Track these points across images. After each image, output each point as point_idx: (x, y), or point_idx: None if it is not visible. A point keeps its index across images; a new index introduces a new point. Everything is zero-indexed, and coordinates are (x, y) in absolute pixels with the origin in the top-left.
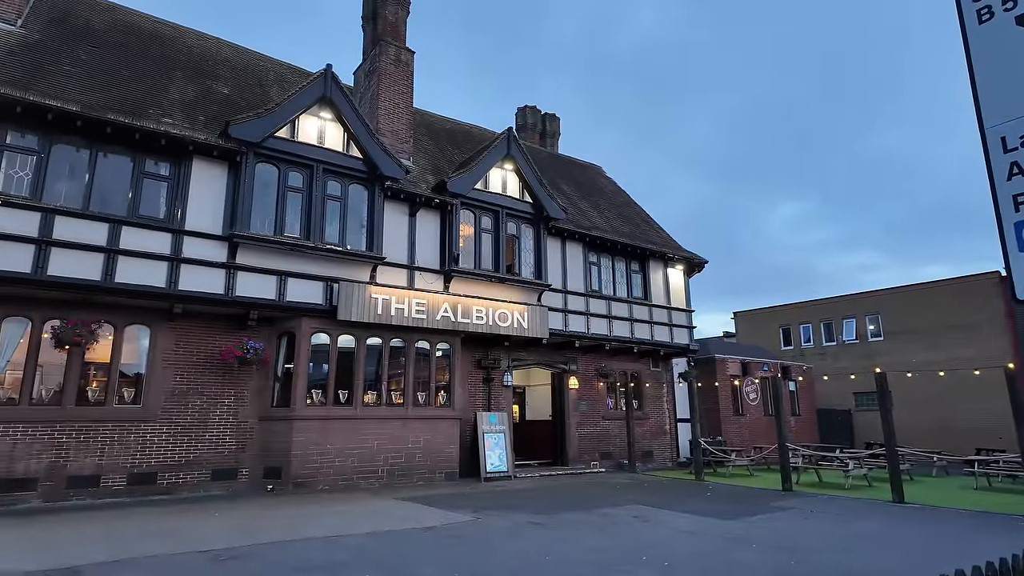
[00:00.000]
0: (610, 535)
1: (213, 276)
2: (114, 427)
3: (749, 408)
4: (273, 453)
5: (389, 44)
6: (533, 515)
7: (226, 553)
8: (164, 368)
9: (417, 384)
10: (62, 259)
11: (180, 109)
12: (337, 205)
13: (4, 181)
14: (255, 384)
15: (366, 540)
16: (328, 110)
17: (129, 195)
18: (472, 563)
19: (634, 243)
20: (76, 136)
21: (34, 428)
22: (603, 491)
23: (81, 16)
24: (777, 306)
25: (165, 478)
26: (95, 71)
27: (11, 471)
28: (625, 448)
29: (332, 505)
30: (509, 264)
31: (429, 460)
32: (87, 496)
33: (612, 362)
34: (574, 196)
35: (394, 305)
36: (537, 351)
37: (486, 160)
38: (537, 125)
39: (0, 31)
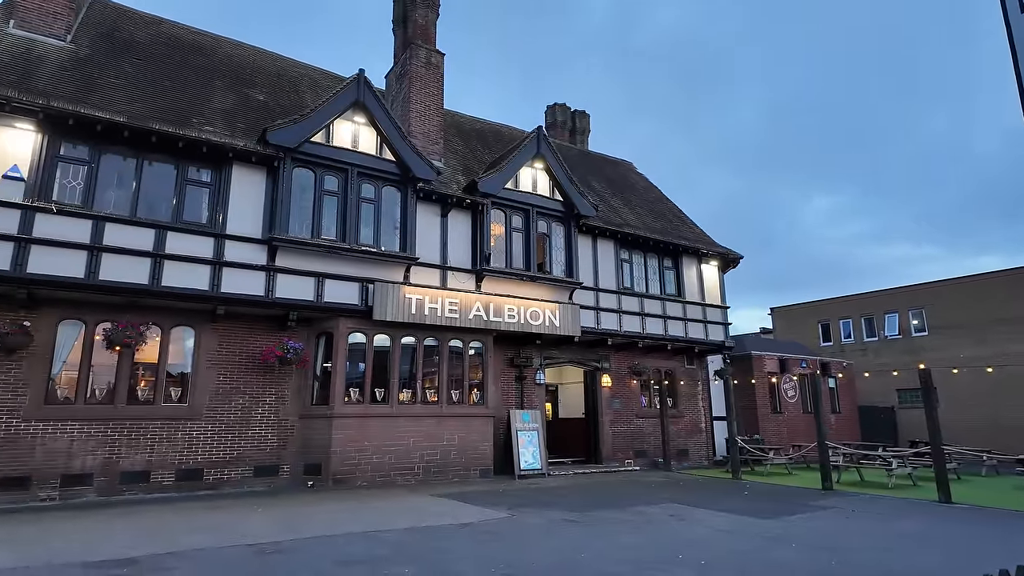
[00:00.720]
0: (645, 533)
1: (254, 278)
2: (162, 425)
3: (787, 406)
4: (313, 450)
5: (420, 47)
6: (568, 512)
7: (271, 547)
8: (208, 368)
9: (451, 382)
10: (112, 264)
11: (220, 117)
12: (371, 207)
13: (58, 191)
14: (295, 383)
15: (405, 535)
16: (361, 114)
17: (173, 201)
18: (509, 559)
19: (666, 239)
20: (123, 146)
21: (89, 426)
22: (638, 489)
23: (126, 30)
24: (815, 301)
25: (211, 474)
26: (140, 82)
27: (69, 467)
28: (660, 446)
29: (370, 501)
30: (540, 262)
31: (464, 457)
32: (138, 491)
33: (645, 360)
34: (605, 193)
35: (427, 304)
36: (569, 349)
37: (516, 159)
38: (567, 122)
39: (52, 47)
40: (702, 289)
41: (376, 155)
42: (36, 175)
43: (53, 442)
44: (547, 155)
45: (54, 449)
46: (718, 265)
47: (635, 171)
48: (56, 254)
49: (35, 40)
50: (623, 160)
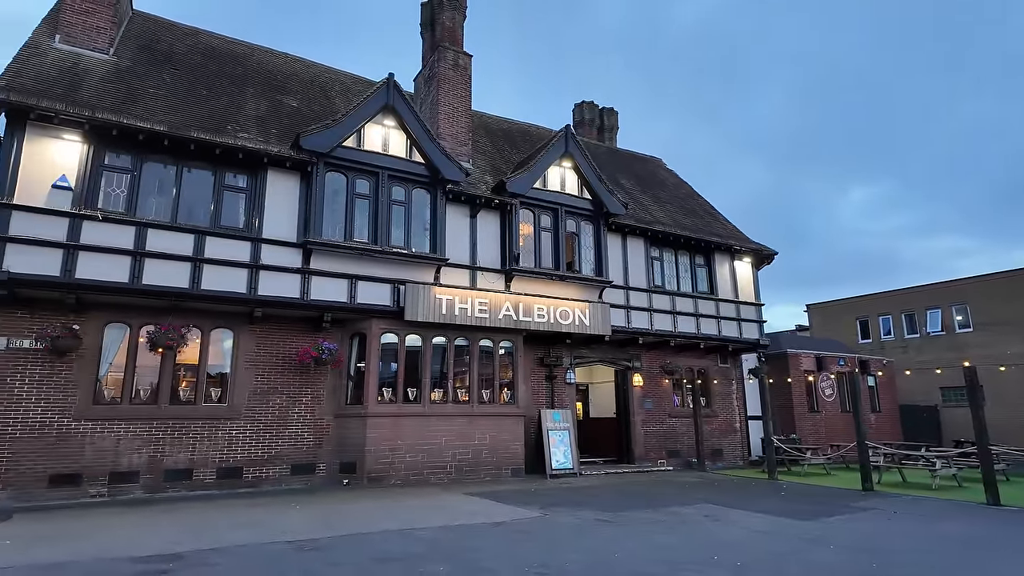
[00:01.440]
0: (680, 534)
1: (289, 281)
2: (204, 424)
3: (825, 404)
4: (348, 449)
5: (447, 49)
6: (600, 512)
7: (309, 544)
8: (246, 369)
9: (481, 382)
10: (155, 269)
11: (255, 124)
12: (402, 209)
13: (104, 199)
14: (330, 383)
15: (439, 533)
16: (391, 118)
17: (211, 207)
18: (542, 558)
19: (698, 236)
20: (164, 154)
21: (134, 425)
22: (671, 489)
23: (165, 41)
24: (854, 297)
25: (250, 472)
26: (178, 92)
27: (117, 464)
28: (693, 446)
29: (404, 499)
30: (569, 262)
31: (495, 456)
32: (181, 488)
33: (678, 358)
34: (634, 190)
35: (457, 305)
36: (599, 348)
37: (544, 159)
38: (595, 120)
39: (96, 60)
40: (735, 286)
41: (406, 158)
42: (83, 184)
43: (101, 441)
44: (575, 153)
45: (102, 447)
46: (751, 262)
47: (664, 167)
48: (102, 260)
49: (80, 54)
50: (652, 156)
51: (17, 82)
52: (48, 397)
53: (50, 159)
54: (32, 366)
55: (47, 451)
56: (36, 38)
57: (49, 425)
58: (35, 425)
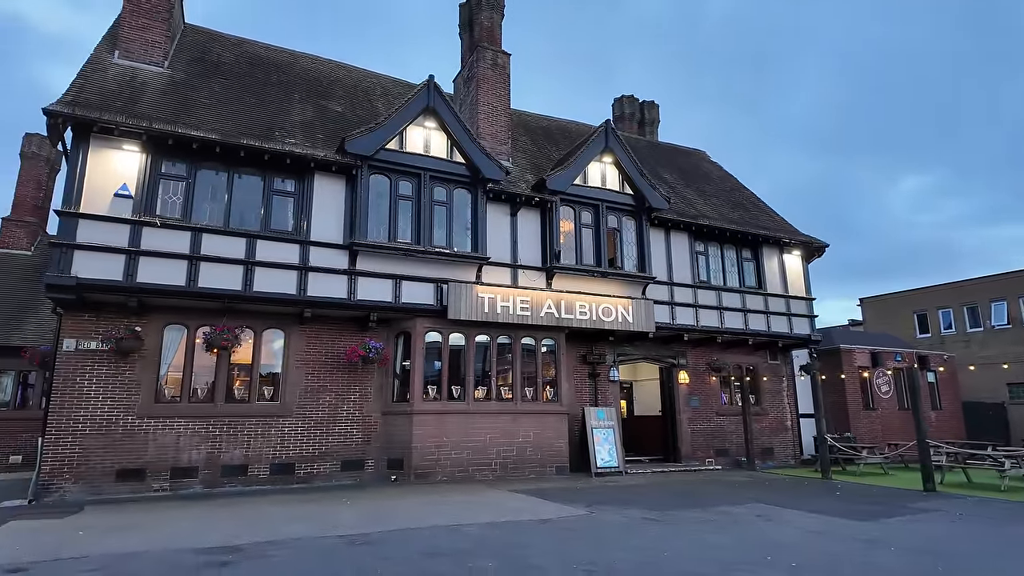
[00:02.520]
0: (730, 533)
1: (337, 282)
2: (257, 422)
3: (881, 402)
4: (395, 445)
5: (486, 49)
6: (648, 511)
7: (361, 538)
8: (297, 368)
9: (524, 380)
10: (209, 272)
11: (301, 129)
12: (443, 210)
13: (161, 206)
14: (377, 381)
15: (486, 530)
16: (432, 119)
17: (261, 211)
18: (590, 556)
19: (744, 229)
20: (216, 161)
21: (193, 423)
22: (720, 489)
23: (215, 52)
24: (911, 290)
25: (302, 468)
26: (227, 100)
27: (178, 460)
28: (742, 445)
29: (451, 495)
30: (611, 258)
31: (539, 454)
32: (237, 484)
33: (725, 355)
34: (677, 184)
35: (499, 303)
36: (644, 345)
37: (584, 155)
38: (635, 114)
39: (152, 73)
40: (785, 280)
41: (447, 158)
42: (142, 192)
43: (163, 437)
44: (616, 149)
45: (164, 444)
46: (801, 255)
47: (709, 160)
48: (161, 264)
49: (137, 68)
50: (696, 149)
51: (81, 97)
52: (113, 396)
53: (112, 169)
54: (98, 366)
55: (114, 447)
56: (97, 55)
57: (115, 423)
58: (102, 423)
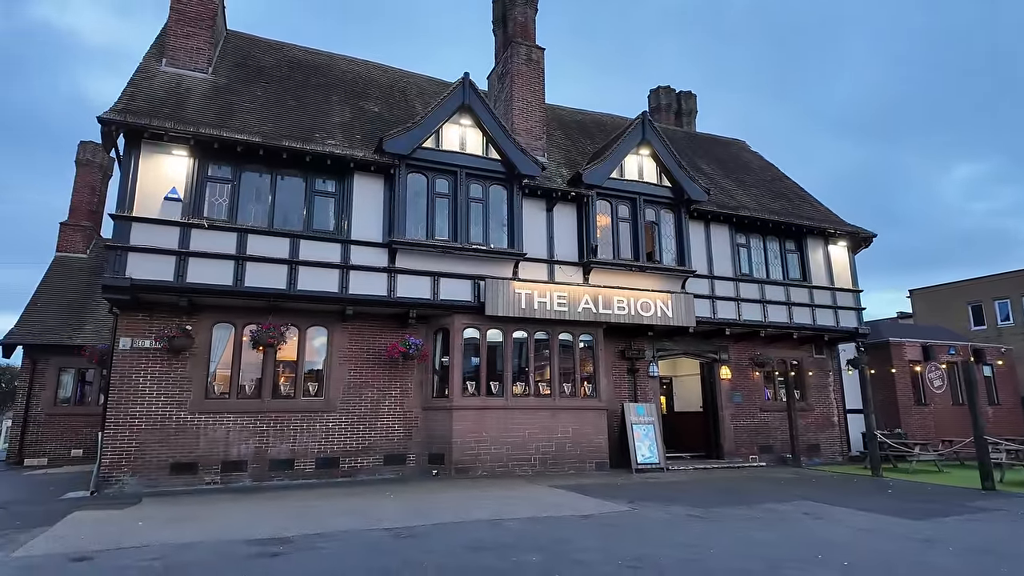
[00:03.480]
0: (778, 531)
1: (377, 280)
2: (303, 417)
3: (933, 397)
4: (436, 440)
5: (520, 44)
6: (691, 508)
7: (406, 531)
8: (340, 364)
9: (562, 375)
10: (255, 272)
11: (340, 130)
12: (480, 206)
13: (208, 208)
14: (417, 377)
15: (528, 524)
16: (467, 116)
17: (304, 212)
18: (634, 552)
19: (787, 220)
20: (259, 163)
21: (242, 418)
22: (765, 486)
23: (256, 57)
24: (964, 280)
25: (345, 462)
26: (269, 104)
27: (228, 454)
28: (787, 441)
29: (491, 490)
30: (649, 252)
31: (579, 450)
32: (284, 477)
33: (768, 350)
34: (716, 175)
35: (536, 299)
36: (683, 340)
37: (620, 148)
38: (672, 105)
39: (197, 79)
40: (830, 272)
41: (483, 155)
42: (190, 195)
43: (213, 432)
44: (653, 140)
45: (214, 438)
46: (847, 246)
47: (748, 150)
48: (209, 265)
49: (183, 75)
50: (734, 139)
51: (132, 105)
52: (167, 392)
53: (162, 173)
54: (152, 364)
55: (167, 441)
56: (146, 63)
57: (168, 418)
58: (157, 418)
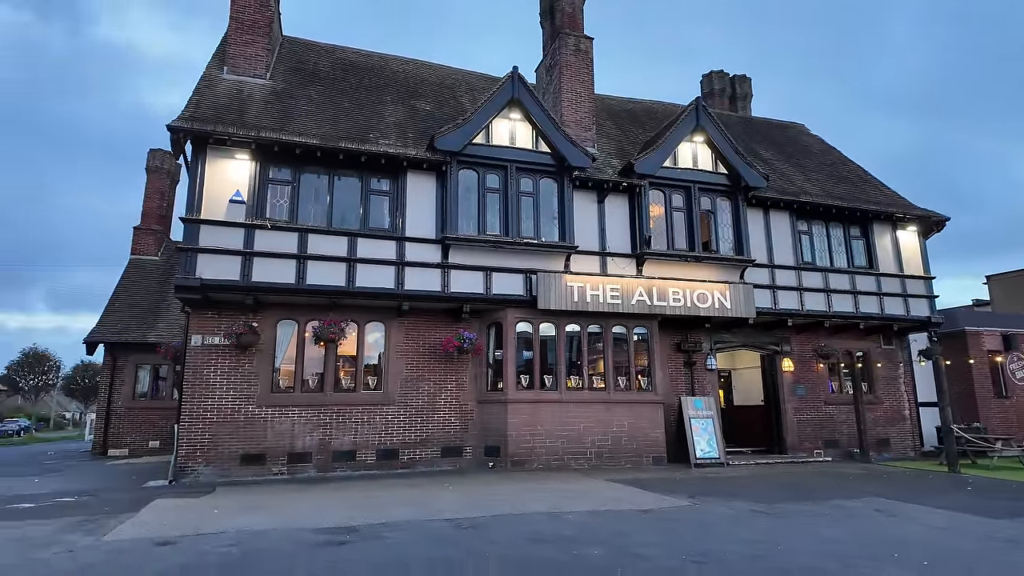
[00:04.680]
0: (848, 528)
1: (431, 276)
2: (363, 410)
3: (1016, 389)
4: (491, 433)
5: (568, 35)
6: (754, 503)
7: (467, 522)
8: (397, 358)
9: (616, 369)
10: (316, 270)
11: (393, 130)
12: (530, 200)
13: (270, 209)
14: (471, 370)
15: (587, 518)
16: (517, 111)
17: (360, 211)
18: (697, 547)
19: (852, 205)
20: (317, 165)
21: (306, 411)
22: (832, 481)
23: (311, 61)
24: None
25: (404, 454)
26: (325, 106)
27: (293, 446)
28: (854, 436)
29: (548, 483)
30: (705, 241)
31: (635, 444)
32: (347, 468)
33: (833, 341)
34: (774, 160)
35: (589, 292)
36: (742, 332)
37: (673, 136)
38: (725, 89)
39: (256, 85)
40: (899, 259)
41: (532, 148)
42: (253, 197)
43: (279, 425)
44: (707, 127)
45: (281, 431)
46: (918, 230)
47: (808, 133)
48: (272, 264)
49: (243, 81)
50: (793, 122)
51: (197, 112)
52: (236, 387)
53: (226, 177)
54: (221, 360)
55: (237, 434)
56: (209, 72)
57: (238, 411)
58: (227, 411)
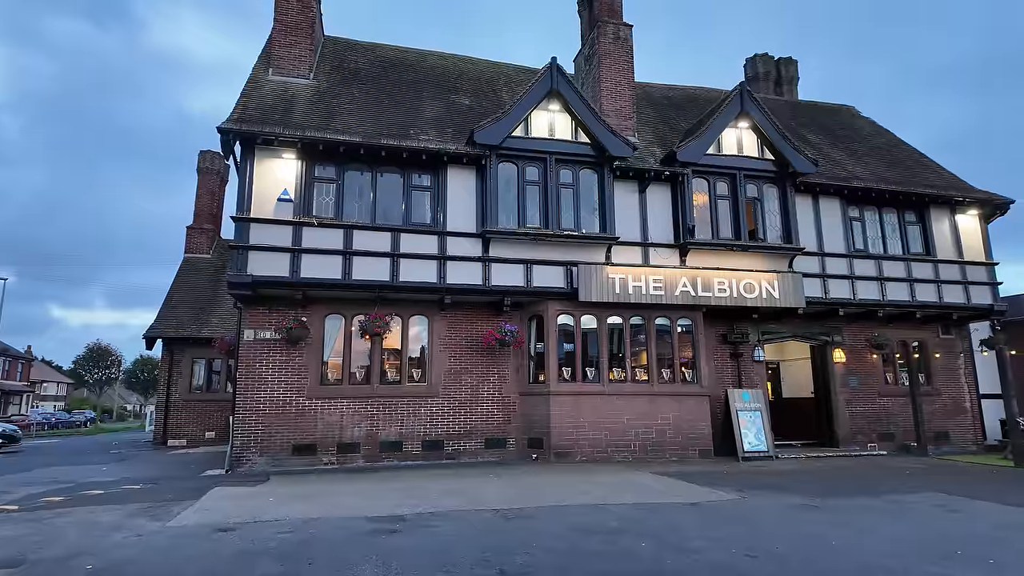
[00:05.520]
0: (907, 524)
1: (472, 269)
2: (408, 402)
3: None
4: (534, 425)
5: (607, 23)
6: (806, 498)
7: (513, 513)
8: (441, 351)
9: (660, 361)
10: (361, 265)
11: (432, 125)
12: (570, 192)
13: (316, 207)
14: (513, 363)
15: (632, 510)
16: (556, 102)
17: (402, 206)
18: (747, 541)
19: (907, 190)
20: (360, 162)
21: (353, 403)
22: (888, 476)
23: (351, 60)
24: None
25: (449, 445)
26: (366, 104)
27: (343, 437)
28: (911, 429)
29: (592, 475)
30: (751, 230)
31: (680, 437)
32: (394, 458)
33: (887, 330)
34: (823, 144)
35: (631, 283)
36: (791, 322)
37: (717, 122)
38: (770, 73)
39: (300, 85)
40: (958, 244)
41: (572, 139)
42: (300, 195)
43: (329, 416)
44: (752, 112)
45: (330, 422)
46: (979, 214)
47: (859, 116)
48: (319, 260)
49: (288, 82)
50: (843, 105)
51: (245, 114)
52: (287, 379)
53: (274, 176)
54: (273, 353)
55: (290, 425)
56: (255, 74)
57: (289, 403)
58: (279, 403)
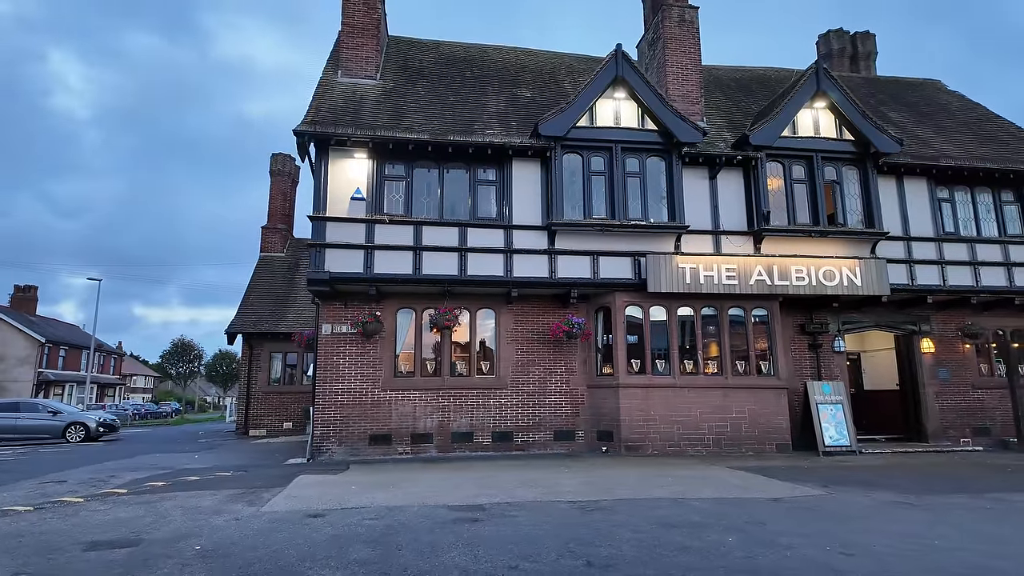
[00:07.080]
0: (1015, 524)
1: (538, 262)
2: (478, 394)
3: None
4: (603, 418)
5: (672, 7)
6: (898, 494)
7: (591, 505)
8: (508, 344)
9: (734, 352)
10: (430, 260)
11: (496, 119)
12: (636, 180)
13: (387, 204)
14: (580, 355)
15: (713, 505)
16: (621, 89)
17: (468, 201)
18: (841, 538)
19: (1003, 167)
20: (427, 159)
21: (425, 395)
22: (986, 473)
23: (416, 58)
24: None
25: (519, 437)
26: (431, 101)
27: (415, 428)
28: (1010, 423)
29: (666, 469)
30: (830, 214)
31: (756, 431)
32: (465, 449)
33: (981, 319)
34: (907, 122)
35: (702, 273)
36: (874, 311)
37: (792, 103)
38: (846, 49)
39: (368, 86)
40: None
41: (638, 127)
42: (372, 194)
43: (402, 407)
44: (830, 91)
45: (404, 413)
46: None
47: (945, 90)
48: (391, 256)
49: (357, 83)
50: (927, 80)
51: (318, 116)
52: (362, 372)
53: (347, 176)
54: (349, 347)
55: (366, 415)
56: (325, 77)
57: (365, 395)
58: (356, 395)
